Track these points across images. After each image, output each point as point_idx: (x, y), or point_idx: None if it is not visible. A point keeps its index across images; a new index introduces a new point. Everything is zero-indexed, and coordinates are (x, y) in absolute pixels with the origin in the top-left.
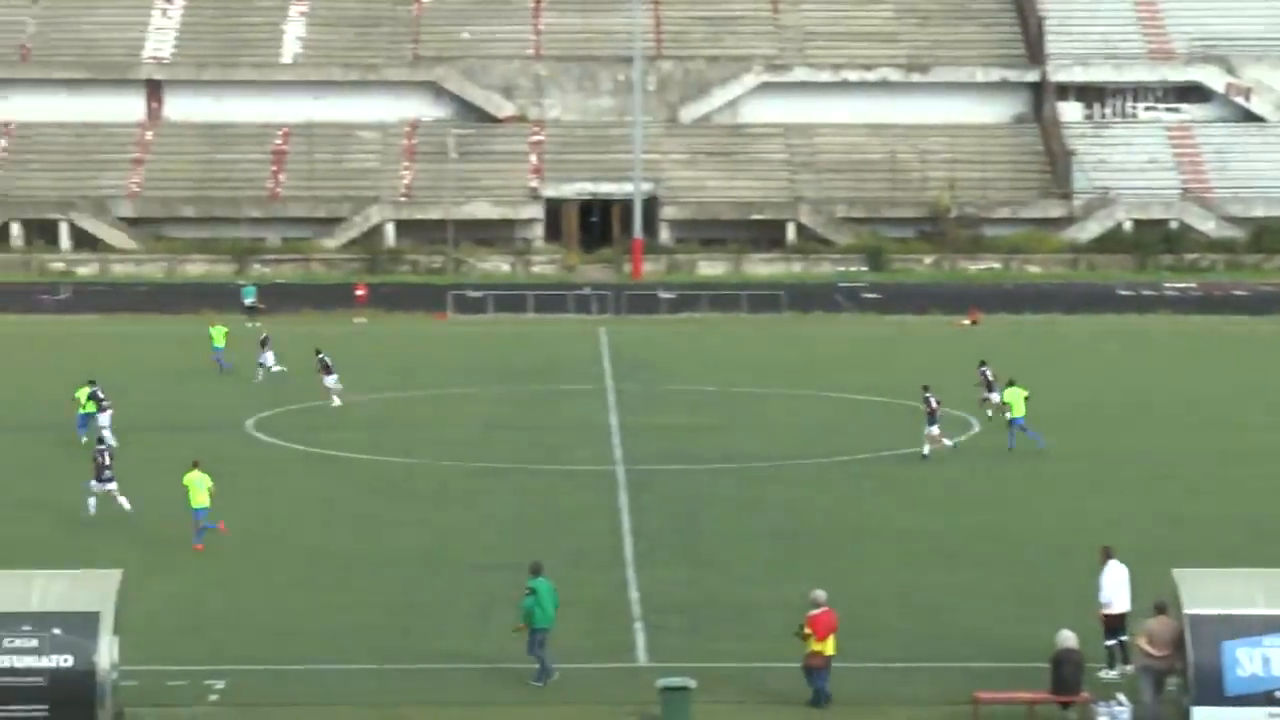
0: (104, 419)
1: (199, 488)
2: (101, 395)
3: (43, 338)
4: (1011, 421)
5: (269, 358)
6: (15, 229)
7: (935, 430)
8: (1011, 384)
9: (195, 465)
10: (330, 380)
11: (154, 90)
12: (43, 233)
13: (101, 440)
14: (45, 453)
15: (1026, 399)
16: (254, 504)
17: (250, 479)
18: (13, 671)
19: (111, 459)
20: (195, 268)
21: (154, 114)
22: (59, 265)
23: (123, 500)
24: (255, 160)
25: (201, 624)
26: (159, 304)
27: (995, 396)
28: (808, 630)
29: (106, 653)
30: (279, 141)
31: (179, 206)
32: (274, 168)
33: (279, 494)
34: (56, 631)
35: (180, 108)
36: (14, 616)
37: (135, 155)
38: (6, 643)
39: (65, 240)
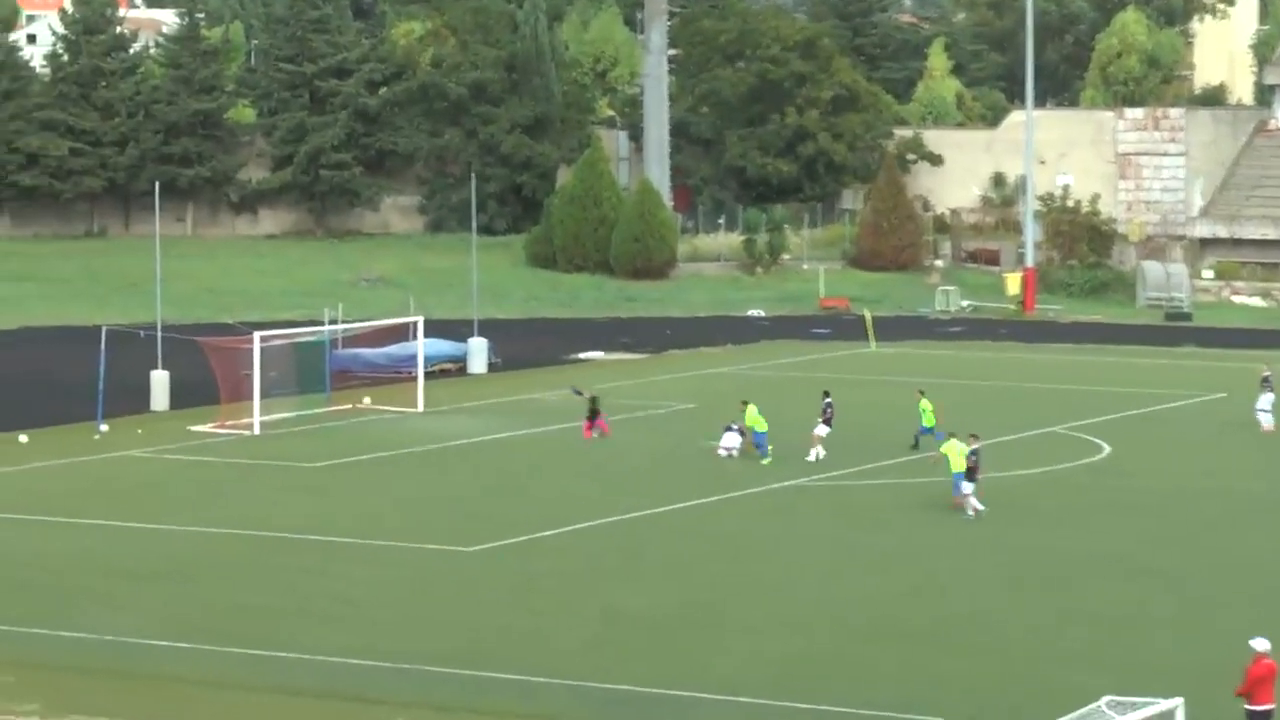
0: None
1: (957, 454)
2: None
3: None
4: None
5: (1265, 400)
6: None
7: None
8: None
9: (951, 436)
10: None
11: None
12: None
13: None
14: None
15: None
16: None
17: None
18: None
19: (979, 460)
20: None
21: None
22: None
23: (973, 500)
24: None
25: None
26: None
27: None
28: None
29: None
30: None
31: None
32: None
33: None
34: None
35: None
36: None
37: None
38: None
39: None
